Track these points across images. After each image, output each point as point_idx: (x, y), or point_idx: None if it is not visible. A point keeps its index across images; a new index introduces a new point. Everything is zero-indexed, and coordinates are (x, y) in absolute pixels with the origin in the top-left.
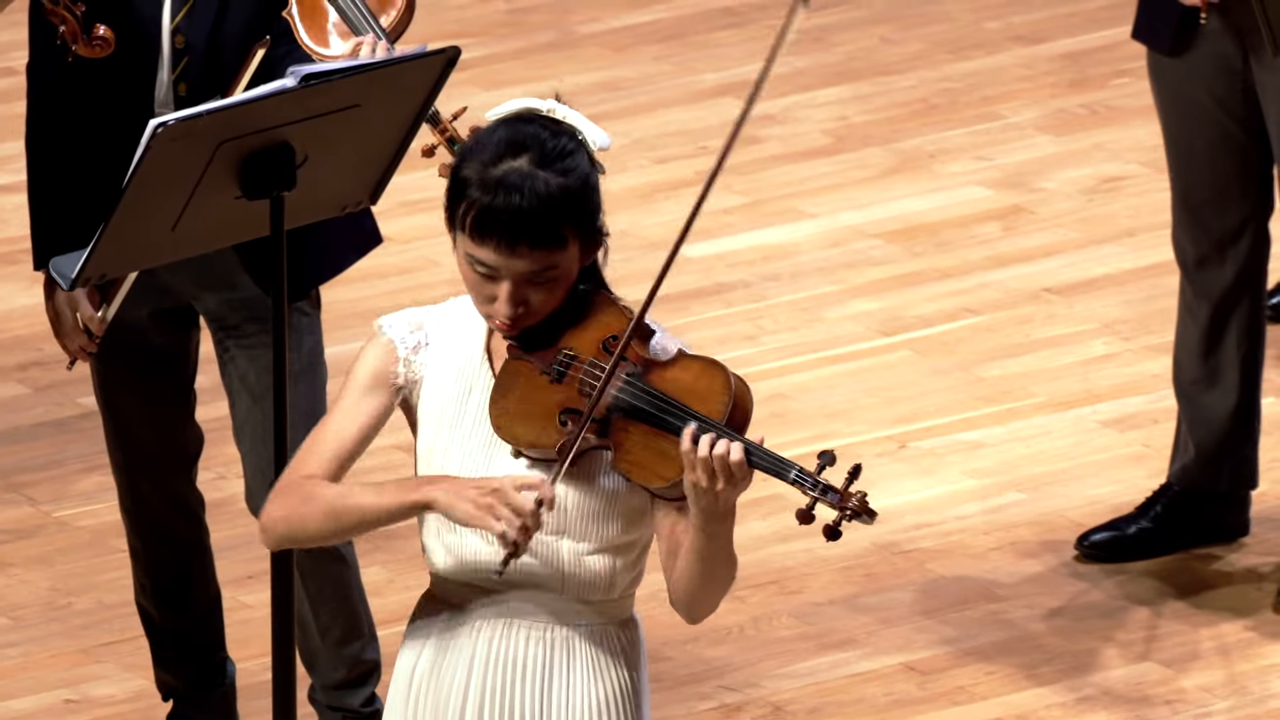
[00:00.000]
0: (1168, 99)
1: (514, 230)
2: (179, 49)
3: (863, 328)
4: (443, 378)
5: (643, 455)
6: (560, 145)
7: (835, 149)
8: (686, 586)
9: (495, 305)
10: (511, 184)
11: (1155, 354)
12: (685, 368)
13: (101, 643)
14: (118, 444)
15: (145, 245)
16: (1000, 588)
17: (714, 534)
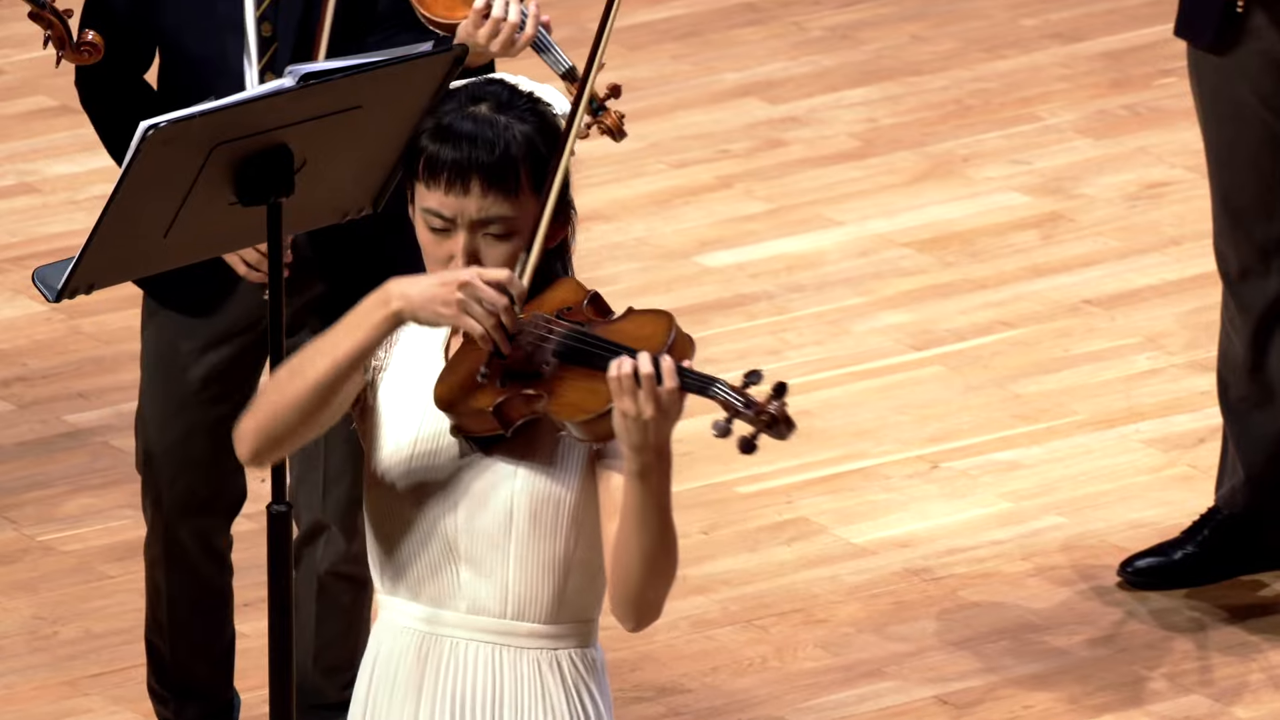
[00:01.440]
0: (1209, 98)
1: (466, 166)
2: (265, 38)
3: (892, 342)
4: (404, 369)
5: (573, 396)
6: (521, 98)
7: (863, 153)
8: (625, 573)
9: (451, 264)
10: (465, 128)
11: (1202, 369)
12: (631, 319)
13: (89, 674)
14: (161, 478)
15: (135, 254)
16: (1038, 616)
17: (647, 478)
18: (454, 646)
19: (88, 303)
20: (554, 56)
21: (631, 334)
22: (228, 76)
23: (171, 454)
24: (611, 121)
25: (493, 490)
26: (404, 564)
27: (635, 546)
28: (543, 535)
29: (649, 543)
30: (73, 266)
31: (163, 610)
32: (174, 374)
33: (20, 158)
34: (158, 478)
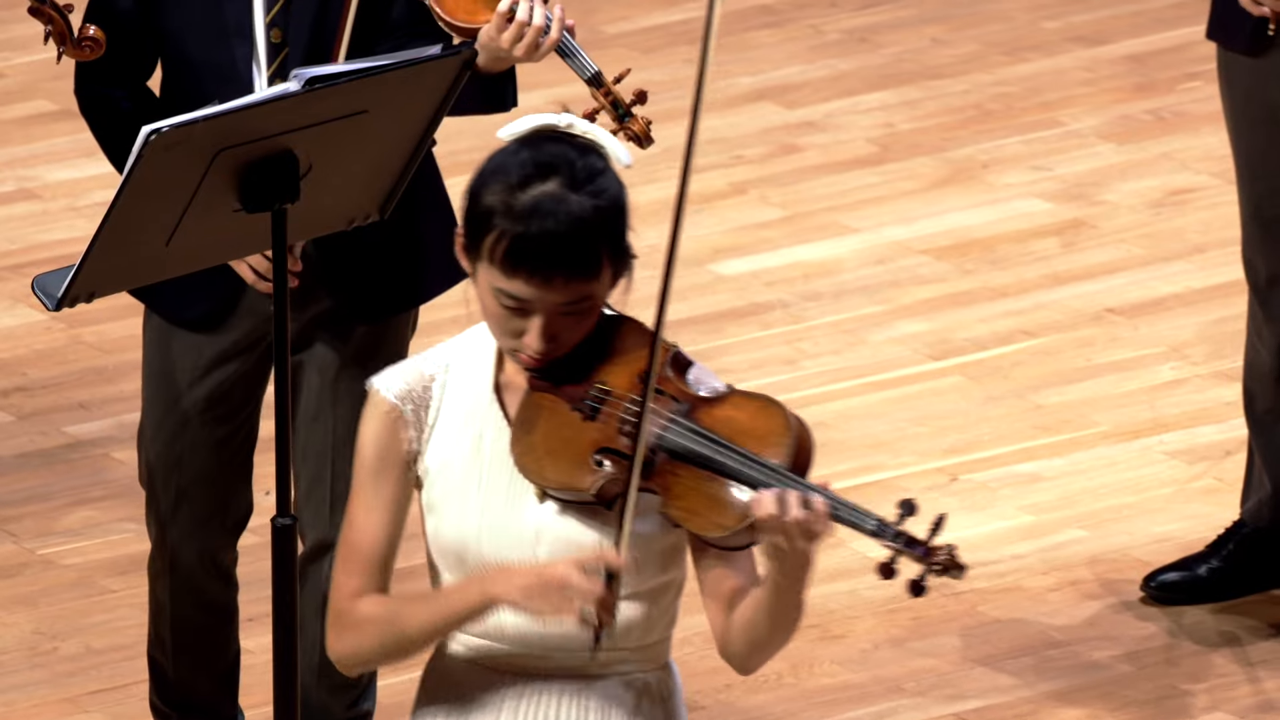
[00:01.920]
0: (1240, 102)
1: (550, 261)
2: (275, 44)
3: (910, 351)
4: (451, 427)
5: (697, 502)
6: (590, 165)
7: (881, 158)
8: (750, 638)
9: (524, 340)
10: (545, 210)
11: (1227, 380)
12: (738, 405)
13: (89, 691)
14: (166, 495)
15: (137, 261)
16: (1059, 632)
17: (793, 584)
18: (543, 683)
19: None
20: (579, 62)
21: (745, 428)
22: (235, 83)
23: (174, 472)
24: (639, 128)
25: (578, 536)
26: None
27: (768, 629)
28: (629, 569)
29: (787, 626)
30: (73, 274)
31: (165, 627)
32: (176, 392)
33: (20, 163)
34: (160, 496)
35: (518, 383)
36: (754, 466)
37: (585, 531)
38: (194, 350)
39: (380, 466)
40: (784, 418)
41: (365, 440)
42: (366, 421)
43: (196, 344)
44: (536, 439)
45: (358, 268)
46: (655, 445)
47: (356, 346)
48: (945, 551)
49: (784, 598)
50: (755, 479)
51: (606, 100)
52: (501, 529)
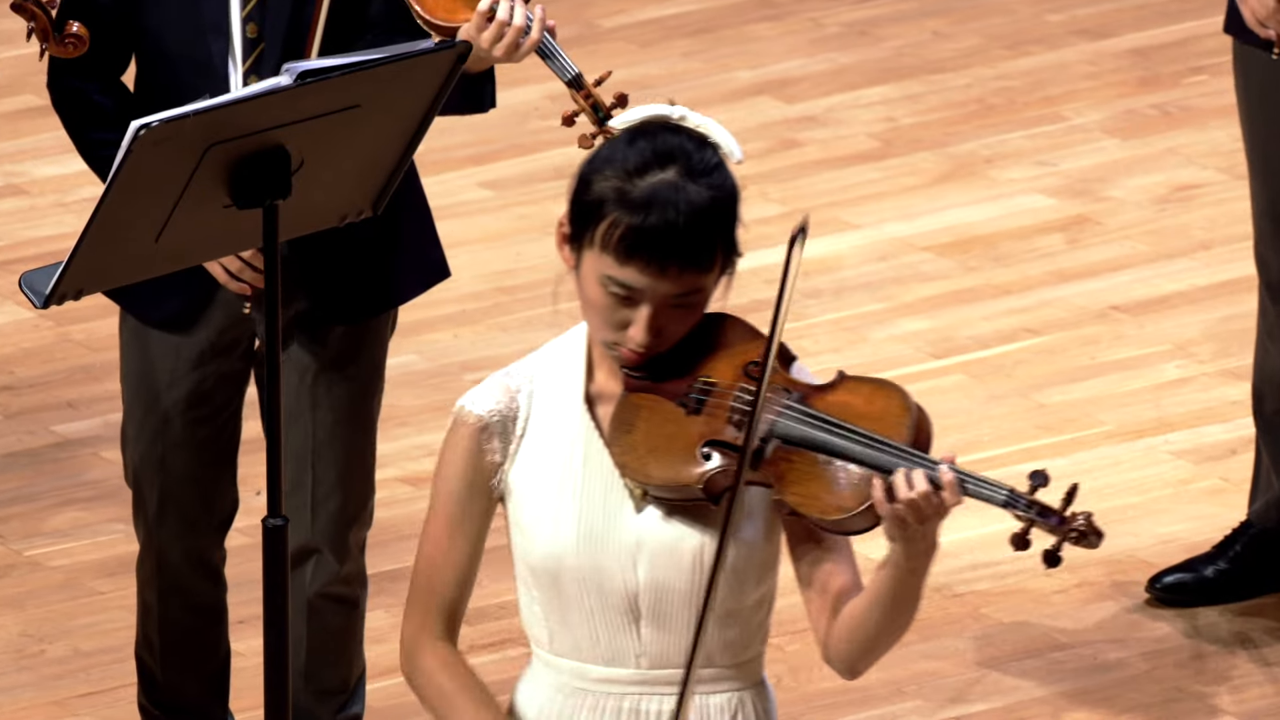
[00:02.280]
0: (1255, 96)
1: (666, 249)
2: (251, 39)
3: (912, 349)
4: (540, 441)
5: (815, 486)
6: (707, 157)
7: (882, 153)
8: (863, 636)
9: (629, 331)
10: (664, 198)
11: (1234, 379)
12: (852, 390)
13: (77, 694)
14: (150, 496)
15: (126, 258)
16: (1064, 634)
17: (916, 568)
18: (636, 702)
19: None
20: (559, 63)
21: (863, 411)
22: (211, 79)
23: (158, 473)
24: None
25: (679, 543)
26: (574, 625)
27: (886, 624)
28: (730, 584)
29: (902, 621)
30: (61, 271)
31: (153, 628)
32: (155, 393)
33: (7, 159)
34: (145, 497)
35: (609, 392)
36: (878, 446)
37: (686, 538)
38: (171, 351)
39: (468, 493)
40: (901, 398)
41: (450, 464)
42: (451, 442)
43: (174, 345)
44: (637, 438)
45: (334, 269)
46: (769, 433)
47: (334, 349)
48: (1082, 518)
49: (905, 585)
50: (879, 460)
51: (586, 103)
52: (600, 542)
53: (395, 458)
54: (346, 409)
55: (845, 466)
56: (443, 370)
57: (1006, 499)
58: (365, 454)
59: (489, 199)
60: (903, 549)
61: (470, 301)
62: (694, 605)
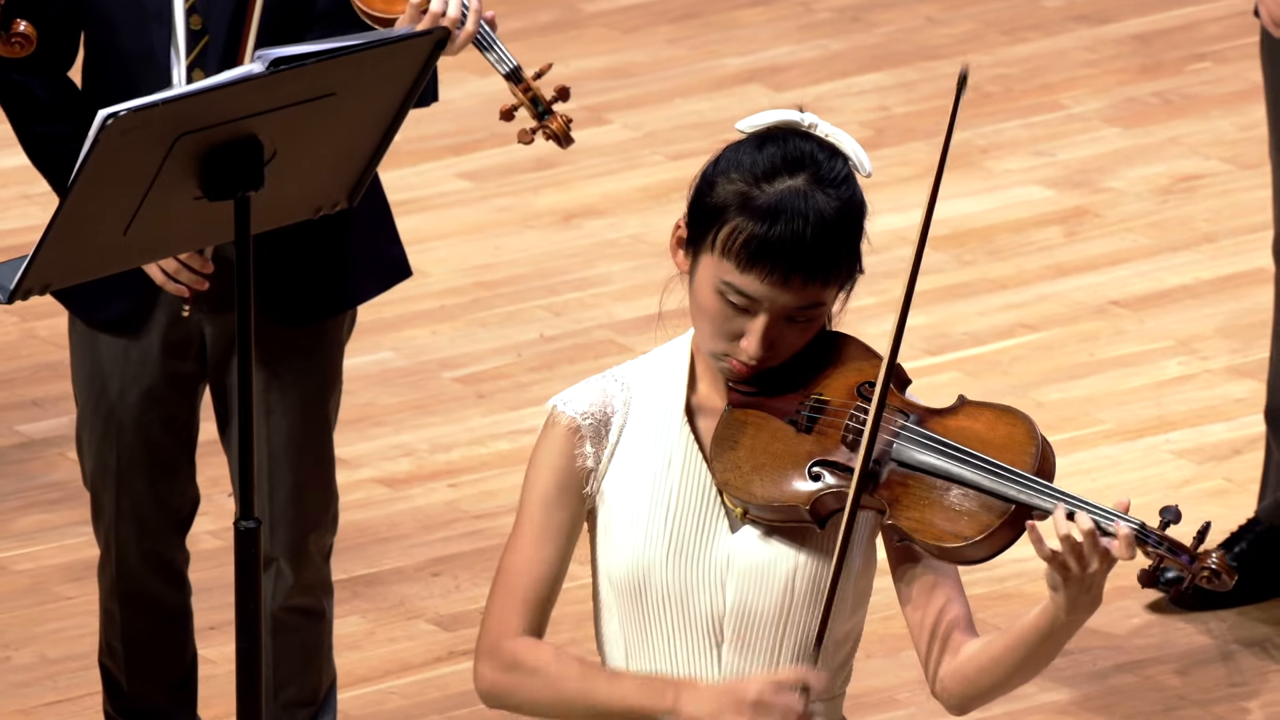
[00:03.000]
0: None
1: (792, 259)
2: (195, 31)
3: (906, 345)
4: (635, 449)
5: (932, 513)
6: (837, 167)
7: (875, 143)
8: (988, 679)
9: (741, 343)
10: (792, 206)
11: (1237, 375)
12: (973, 416)
13: (44, 702)
14: (108, 500)
15: (93, 252)
16: None
17: (1075, 623)
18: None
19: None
20: (497, 54)
21: (985, 437)
22: (155, 71)
23: (113, 477)
24: (558, 126)
25: (770, 566)
26: (653, 645)
27: (1019, 673)
28: (821, 611)
29: (1034, 671)
30: (26, 265)
31: (116, 634)
32: (108, 396)
33: None
34: (102, 501)
35: (712, 405)
36: (1004, 475)
37: (780, 561)
38: (120, 353)
39: (557, 493)
40: (1027, 426)
41: (541, 463)
42: (543, 443)
43: (122, 347)
44: (741, 455)
45: (285, 269)
46: (883, 455)
47: (286, 353)
48: (1213, 557)
49: (1055, 638)
50: (1001, 488)
51: (525, 96)
52: (690, 559)
53: (371, 458)
54: (301, 414)
55: (964, 493)
56: (420, 368)
57: (1137, 534)
58: (324, 460)
59: (468, 190)
60: (1065, 599)
61: (448, 297)
62: (781, 631)
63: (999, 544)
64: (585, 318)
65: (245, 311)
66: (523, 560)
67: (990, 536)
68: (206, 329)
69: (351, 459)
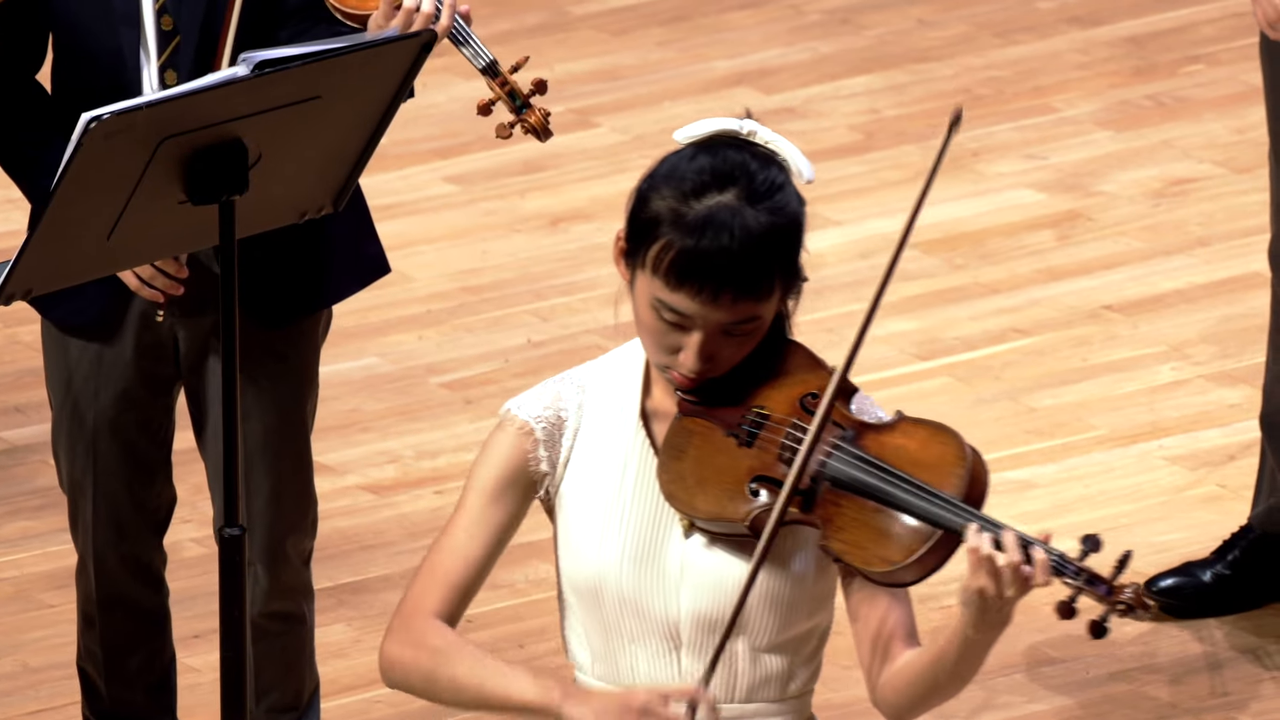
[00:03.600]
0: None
1: (719, 278)
2: (166, 32)
3: (896, 350)
4: (591, 453)
5: (861, 535)
6: (770, 178)
7: (865, 146)
8: (915, 691)
9: (679, 357)
10: (719, 223)
11: (1231, 381)
12: (907, 433)
13: (26, 712)
14: (88, 512)
15: (76, 256)
16: (1054, 647)
17: (986, 641)
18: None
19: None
20: (473, 50)
21: (916, 457)
22: (124, 73)
23: (89, 481)
24: (536, 120)
25: (723, 573)
26: (614, 650)
27: (944, 685)
28: (777, 615)
29: (960, 683)
30: (9, 270)
31: (95, 639)
32: (83, 401)
33: None
34: (79, 505)
35: (666, 409)
36: (928, 498)
37: (732, 569)
38: (94, 357)
39: (499, 489)
40: (958, 446)
41: (489, 459)
42: (494, 439)
43: (96, 351)
44: (687, 466)
45: (259, 269)
46: (818, 474)
47: (262, 355)
48: (1131, 590)
49: (969, 654)
50: (928, 511)
51: (503, 90)
52: (644, 565)
53: (357, 464)
54: (277, 417)
55: (893, 515)
56: (407, 374)
57: (1055, 564)
58: (301, 463)
59: (455, 194)
60: (973, 617)
61: (435, 301)
62: (737, 637)
63: (927, 567)
64: (572, 323)
65: (230, 318)
66: (452, 547)
67: (918, 560)
68: (179, 332)
69: (337, 465)
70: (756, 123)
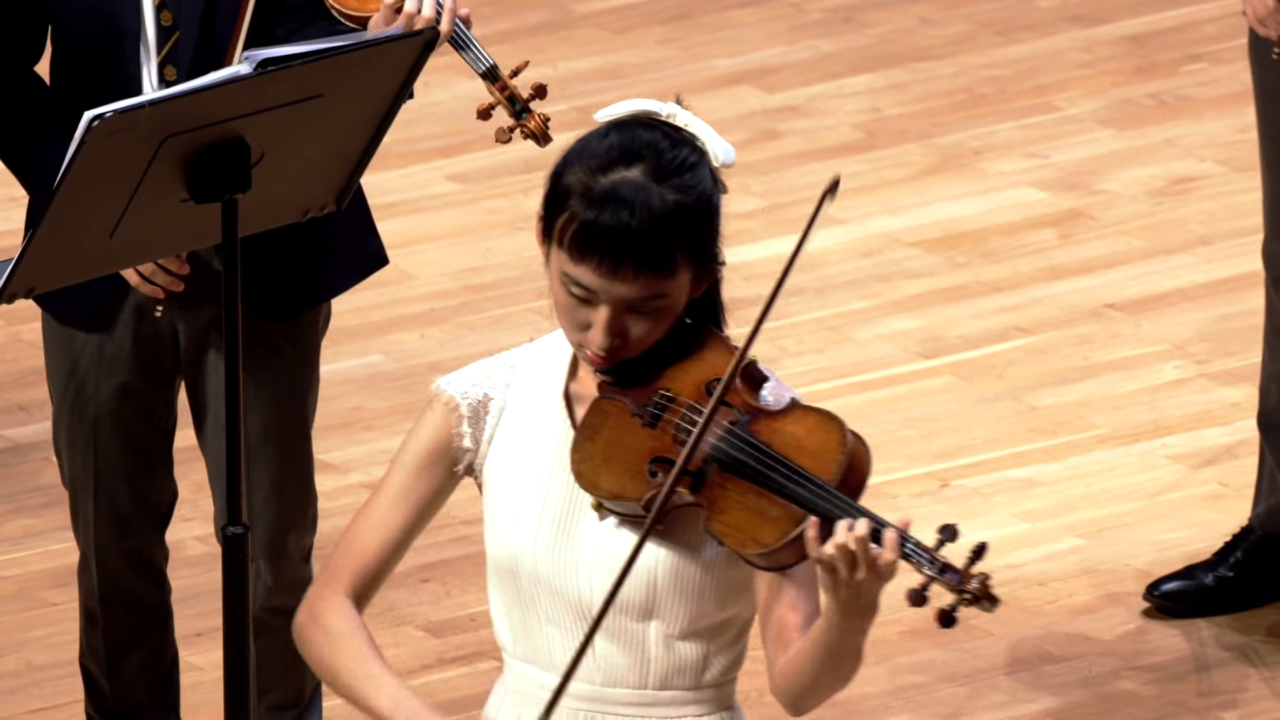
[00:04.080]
0: (1269, 85)
1: (620, 250)
2: (165, 27)
3: (899, 349)
4: (516, 432)
5: (739, 517)
6: (680, 156)
7: (867, 145)
8: (799, 680)
9: (589, 333)
10: (622, 197)
11: (1233, 380)
12: (798, 420)
13: (30, 709)
14: (89, 507)
15: (79, 255)
16: (1057, 647)
17: (850, 629)
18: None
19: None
20: (473, 54)
21: (800, 443)
22: (123, 69)
23: (90, 475)
24: (535, 125)
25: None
26: (533, 629)
27: (823, 675)
28: (688, 602)
29: (841, 674)
30: (11, 268)
31: (98, 636)
32: (83, 394)
33: None
34: (80, 500)
35: (590, 392)
36: (800, 483)
37: (642, 551)
38: (94, 349)
39: (423, 464)
40: (840, 434)
41: (417, 433)
42: (423, 416)
43: (96, 342)
44: (597, 446)
45: (260, 262)
46: (709, 456)
47: (262, 350)
48: (978, 580)
49: (840, 643)
50: (802, 496)
51: (502, 95)
52: (558, 546)
53: (361, 463)
54: (277, 412)
55: (774, 499)
56: (409, 372)
57: (907, 550)
58: (301, 457)
59: (457, 192)
60: (834, 604)
61: (438, 300)
62: (648, 622)
63: (800, 552)
64: None
65: (233, 316)
66: (372, 522)
67: (790, 544)
68: (179, 325)
69: (340, 464)
70: (680, 107)
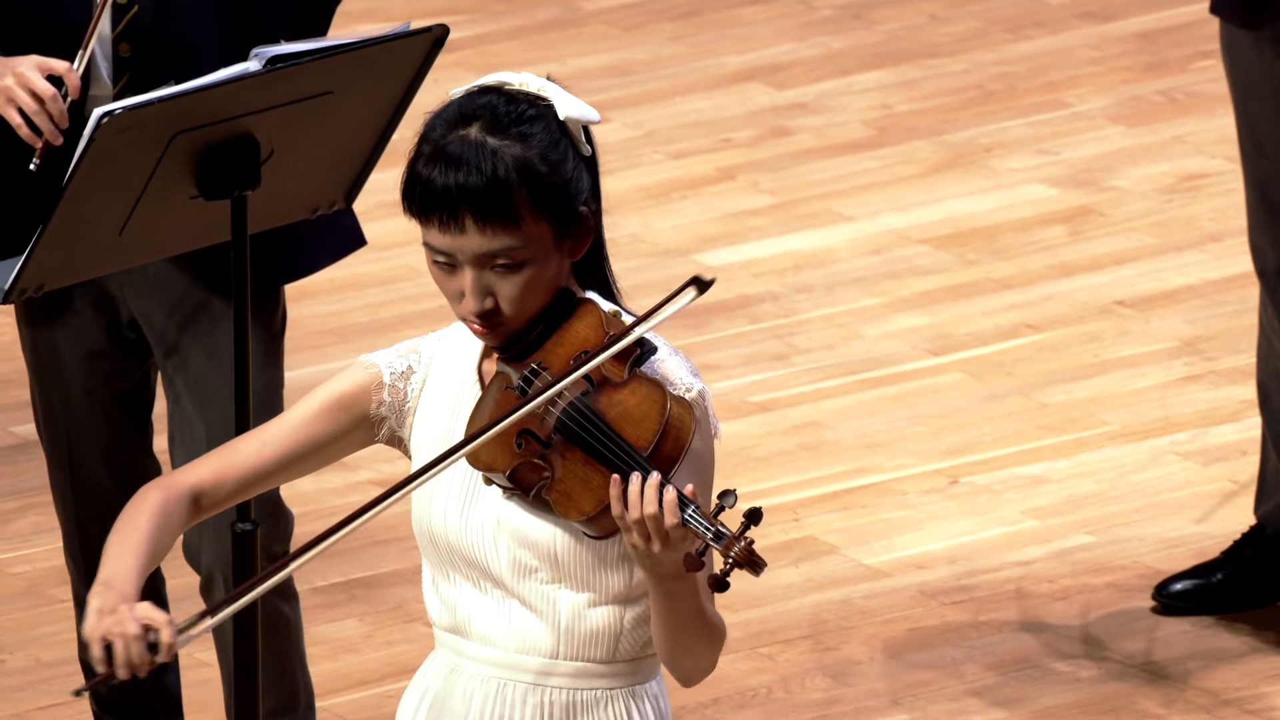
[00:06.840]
0: (1241, 79)
1: (456, 201)
2: (121, 3)
3: (908, 346)
4: (435, 404)
5: (570, 485)
6: (517, 111)
7: (877, 142)
8: (661, 650)
9: (464, 302)
10: (451, 153)
11: (1243, 376)
12: (633, 390)
13: (38, 706)
14: (66, 483)
15: (89, 252)
16: (1066, 644)
17: (669, 594)
18: (503, 687)
19: None
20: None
21: (628, 412)
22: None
23: (67, 451)
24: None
25: (536, 528)
26: (450, 598)
27: (671, 643)
28: (591, 572)
29: (687, 640)
30: (21, 265)
31: None
32: (62, 374)
33: None
34: (61, 483)
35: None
36: (615, 451)
37: (536, 526)
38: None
39: (327, 408)
40: (662, 402)
41: (330, 383)
42: (342, 373)
43: (72, 328)
44: (483, 418)
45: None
46: (556, 427)
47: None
48: (740, 545)
49: (670, 605)
50: (614, 464)
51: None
52: (466, 515)
53: (367, 460)
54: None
55: (598, 468)
56: None
57: (686, 518)
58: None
59: None
60: (642, 570)
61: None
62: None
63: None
64: None
65: (241, 317)
66: (262, 436)
67: (607, 511)
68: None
69: (348, 461)
70: (539, 78)
